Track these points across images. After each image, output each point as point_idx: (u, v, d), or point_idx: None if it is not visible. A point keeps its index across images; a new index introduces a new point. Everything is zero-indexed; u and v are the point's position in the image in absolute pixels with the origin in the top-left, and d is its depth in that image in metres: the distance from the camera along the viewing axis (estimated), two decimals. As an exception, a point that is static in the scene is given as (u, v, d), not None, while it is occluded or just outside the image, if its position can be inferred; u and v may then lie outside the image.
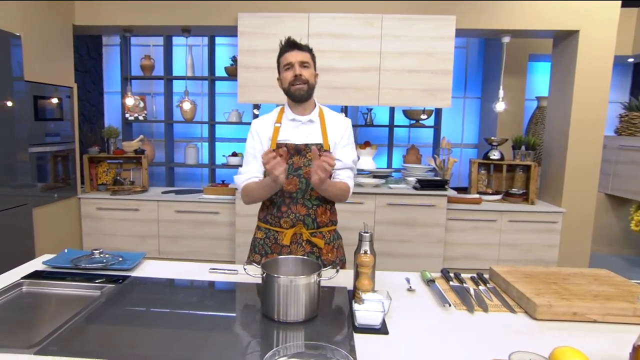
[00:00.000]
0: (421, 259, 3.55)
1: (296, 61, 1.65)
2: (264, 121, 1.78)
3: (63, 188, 3.41)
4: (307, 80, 1.66)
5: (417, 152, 4.65)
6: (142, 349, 1.09)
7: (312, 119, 1.73)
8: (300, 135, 1.71)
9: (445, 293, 1.47)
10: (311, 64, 1.70)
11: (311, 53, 1.72)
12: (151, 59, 4.36)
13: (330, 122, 1.75)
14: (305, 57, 1.68)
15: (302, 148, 1.70)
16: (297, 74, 1.64)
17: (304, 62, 1.66)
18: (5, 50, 2.72)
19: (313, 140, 1.71)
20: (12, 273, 1.54)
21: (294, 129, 1.72)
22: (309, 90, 1.68)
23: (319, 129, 1.73)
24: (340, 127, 1.76)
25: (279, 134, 1.72)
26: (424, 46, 3.45)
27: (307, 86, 1.66)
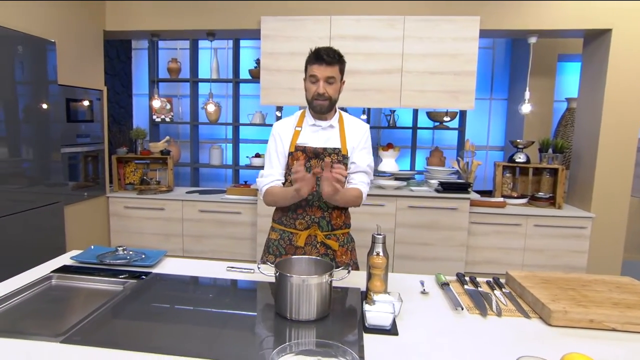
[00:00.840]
0: (443, 263, 3.51)
1: (322, 77, 1.62)
2: (285, 124, 1.80)
3: (92, 187, 3.55)
4: (330, 97, 1.66)
5: (440, 154, 4.59)
6: (159, 341, 1.14)
7: (332, 124, 1.75)
8: (320, 139, 1.74)
9: (459, 297, 1.46)
10: (337, 78, 1.66)
11: (340, 62, 1.67)
12: (178, 62, 4.48)
13: (349, 128, 1.77)
14: (332, 71, 1.63)
15: (320, 152, 1.72)
16: (320, 92, 1.64)
17: (329, 78, 1.63)
18: (42, 56, 2.86)
19: (332, 144, 1.73)
20: (43, 267, 1.63)
21: (314, 133, 1.74)
22: (330, 106, 1.69)
23: (337, 134, 1.75)
24: (358, 132, 1.77)
25: (298, 137, 1.74)
26: (447, 47, 3.42)
27: (329, 102, 1.66)
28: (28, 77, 2.75)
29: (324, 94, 1.64)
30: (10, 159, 2.64)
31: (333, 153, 1.72)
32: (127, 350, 1.06)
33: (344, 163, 1.72)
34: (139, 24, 3.65)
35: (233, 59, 4.52)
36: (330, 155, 1.71)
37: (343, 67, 1.69)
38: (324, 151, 1.72)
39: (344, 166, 1.59)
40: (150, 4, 3.64)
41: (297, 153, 1.73)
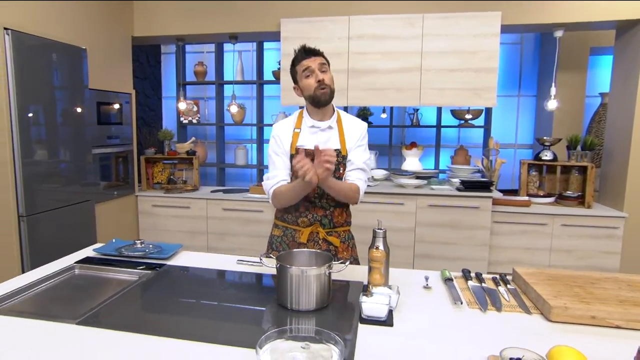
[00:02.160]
0: (465, 262, 3.46)
1: (316, 65, 1.67)
2: (284, 125, 1.81)
3: (122, 186, 3.73)
4: (329, 84, 1.68)
5: (465, 153, 4.52)
6: (164, 325, 1.22)
7: (330, 125, 1.75)
8: (319, 141, 1.73)
9: (461, 292, 1.46)
10: (328, 68, 1.71)
11: (325, 58, 1.73)
12: (204, 65, 4.63)
13: (347, 128, 1.77)
14: (323, 60, 1.70)
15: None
16: (319, 80, 1.66)
17: (322, 65, 1.68)
18: (74, 62, 3.05)
19: (331, 145, 1.73)
20: (68, 258, 1.75)
21: (313, 135, 1.75)
22: (332, 94, 1.71)
23: (337, 135, 1.76)
24: (356, 131, 1.77)
25: (298, 139, 1.76)
26: (467, 44, 3.37)
27: (329, 89, 1.68)
28: (62, 82, 2.94)
29: (323, 80, 1.66)
30: (47, 160, 2.83)
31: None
32: (135, 333, 1.15)
33: (343, 164, 1.74)
34: (165, 29, 3.81)
35: (257, 61, 4.63)
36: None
37: (329, 63, 1.73)
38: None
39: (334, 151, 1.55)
40: (175, 10, 3.80)
41: (297, 156, 1.75)
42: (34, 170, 2.70)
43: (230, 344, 1.09)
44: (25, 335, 1.14)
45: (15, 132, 2.57)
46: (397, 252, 3.54)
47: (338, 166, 1.73)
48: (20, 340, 1.12)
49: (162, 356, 1.05)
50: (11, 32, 2.52)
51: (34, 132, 2.71)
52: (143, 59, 4.74)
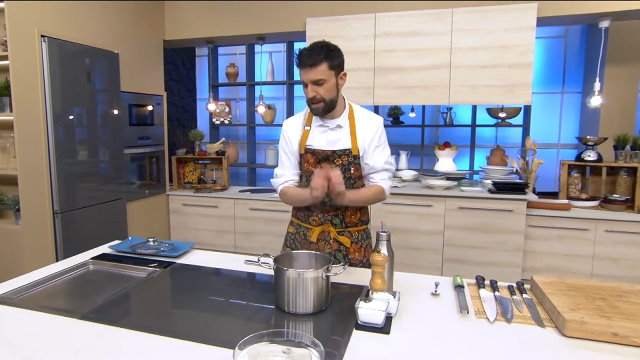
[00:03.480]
0: (497, 268, 3.30)
1: (308, 81, 1.55)
2: (294, 123, 1.77)
3: (154, 185, 3.86)
4: (323, 98, 1.57)
5: (502, 153, 4.31)
6: (159, 323, 1.23)
7: (340, 124, 1.67)
8: (329, 140, 1.68)
9: (471, 300, 1.38)
10: (328, 77, 1.54)
11: (328, 58, 1.53)
12: (235, 67, 4.71)
13: (360, 125, 1.69)
14: (318, 73, 1.52)
15: (330, 154, 1.68)
16: (309, 97, 1.58)
17: (317, 81, 1.54)
18: (107, 66, 3.19)
19: (341, 146, 1.67)
20: (85, 254, 1.81)
21: (322, 134, 1.69)
22: (327, 106, 1.60)
23: (347, 134, 1.68)
24: (370, 128, 1.69)
25: (307, 138, 1.71)
26: (500, 39, 3.21)
27: (323, 104, 1.58)
28: (95, 86, 3.08)
29: (314, 97, 1.56)
30: (81, 160, 2.97)
31: (343, 154, 1.67)
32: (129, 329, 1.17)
33: (355, 164, 1.68)
34: (194, 32, 3.91)
35: (287, 61, 4.65)
36: (340, 157, 1.67)
37: (335, 62, 1.55)
38: (333, 154, 1.67)
39: (338, 169, 1.54)
40: (204, 13, 3.88)
41: (307, 155, 1.71)
42: (68, 170, 2.85)
43: (216, 344, 1.08)
44: (29, 327, 1.19)
45: (51, 133, 2.71)
46: (424, 255, 3.43)
47: (349, 166, 1.68)
48: (24, 332, 1.16)
49: (145, 352, 1.06)
50: (47, 39, 2.67)
51: (68, 133, 2.85)
52: (178, 61, 4.89)
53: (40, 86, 2.65)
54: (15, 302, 1.35)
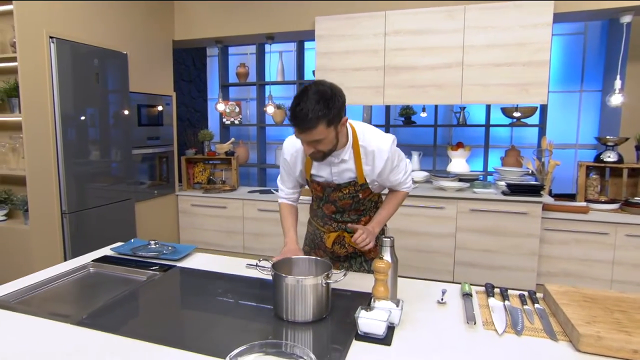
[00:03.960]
0: (510, 272, 3.20)
1: (304, 140, 1.40)
2: (295, 148, 1.62)
3: (163, 185, 3.86)
4: (322, 151, 1.43)
5: (517, 153, 4.19)
6: (152, 329, 1.20)
7: (344, 158, 1.54)
8: (332, 173, 1.60)
9: (479, 310, 1.31)
10: (324, 135, 1.36)
11: (322, 118, 1.32)
12: (246, 67, 4.68)
13: (365, 154, 1.55)
14: (314, 135, 1.35)
15: (335, 186, 1.61)
16: (307, 154, 1.45)
17: (313, 142, 1.39)
18: (116, 67, 3.19)
19: (347, 177, 1.59)
20: (86, 256, 1.79)
21: (327, 167, 1.59)
22: (328, 153, 1.46)
23: (352, 165, 1.56)
24: (378, 159, 1.54)
25: (311, 167, 1.63)
26: (514, 36, 3.11)
27: (322, 154, 1.45)
28: (103, 86, 3.07)
29: (312, 153, 1.44)
30: (89, 161, 2.97)
31: (349, 185, 1.60)
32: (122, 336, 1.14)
33: (363, 189, 1.60)
34: (204, 32, 3.89)
35: (297, 61, 4.60)
36: (347, 187, 1.60)
37: (331, 118, 1.34)
38: (338, 186, 1.61)
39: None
40: (214, 13, 3.86)
41: (313, 183, 1.66)
42: (76, 170, 2.85)
43: (208, 353, 1.04)
44: (21, 332, 1.16)
45: (59, 134, 2.72)
46: (436, 258, 3.35)
47: (356, 193, 1.62)
48: (15, 337, 1.14)
49: None
50: (56, 40, 2.67)
51: (77, 134, 2.86)
52: (189, 62, 4.89)
53: (49, 87, 2.65)
54: (12, 306, 1.33)
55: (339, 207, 1.67)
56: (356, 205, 1.66)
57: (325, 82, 1.38)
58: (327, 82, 1.38)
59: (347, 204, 1.65)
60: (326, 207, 1.69)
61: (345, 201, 1.64)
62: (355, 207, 1.67)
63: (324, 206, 1.69)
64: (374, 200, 1.73)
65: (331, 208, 1.68)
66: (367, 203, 1.69)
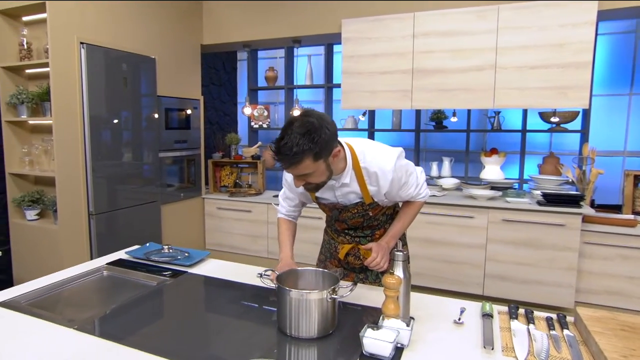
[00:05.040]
0: (545, 288, 3.00)
1: (294, 175, 1.34)
2: None
3: (190, 188, 3.90)
4: (315, 183, 1.36)
5: (556, 161, 3.96)
6: (153, 338, 1.17)
7: (344, 182, 1.45)
8: (336, 195, 1.52)
9: (499, 333, 1.20)
10: (314, 169, 1.28)
11: (308, 153, 1.23)
12: (274, 71, 4.69)
13: (368, 176, 1.46)
14: (300, 170, 1.28)
15: (341, 208, 1.55)
16: (297, 187, 1.39)
17: (302, 176, 1.32)
18: (144, 72, 3.25)
19: (352, 199, 1.52)
20: (101, 259, 1.80)
21: (330, 190, 1.51)
22: (321, 184, 1.39)
23: (356, 188, 1.48)
24: (381, 179, 1.44)
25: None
26: (552, 37, 2.93)
27: (315, 185, 1.38)
28: (131, 90, 3.14)
29: (304, 186, 1.37)
30: (116, 163, 3.04)
31: (357, 206, 1.53)
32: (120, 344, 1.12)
33: (372, 207, 1.53)
34: (231, 36, 3.92)
35: (325, 64, 4.56)
36: (355, 207, 1.53)
37: (318, 151, 1.24)
38: (345, 207, 1.54)
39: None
40: (241, 17, 3.89)
41: (320, 205, 1.60)
42: (103, 172, 2.92)
43: (201, 371, 1.00)
44: (24, 334, 1.16)
45: (88, 137, 2.79)
46: (464, 270, 3.20)
47: (366, 212, 1.54)
48: (18, 339, 1.13)
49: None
50: (86, 45, 2.75)
51: (104, 137, 2.93)
52: (220, 66, 4.95)
53: (79, 91, 2.73)
54: (22, 308, 1.34)
55: (350, 225, 1.61)
56: (368, 222, 1.60)
57: (314, 113, 1.28)
58: (316, 113, 1.29)
59: (359, 222, 1.59)
60: (338, 224, 1.64)
61: (355, 220, 1.58)
62: (368, 224, 1.61)
63: (336, 223, 1.65)
64: (389, 214, 1.65)
65: (343, 225, 1.64)
66: (381, 217, 1.62)
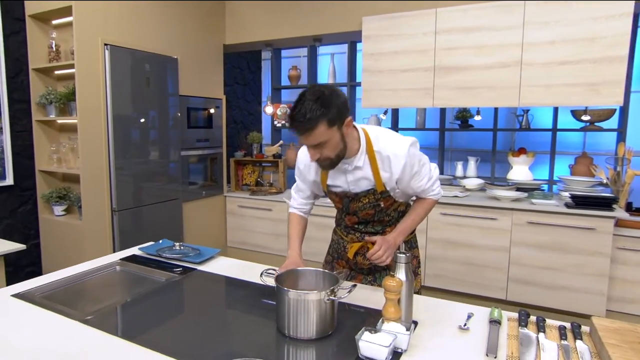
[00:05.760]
0: (573, 294, 2.86)
1: (308, 144, 1.33)
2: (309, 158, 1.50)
3: (212, 186, 3.96)
4: (329, 157, 1.36)
5: (589, 161, 3.77)
6: (151, 335, 1.19)
7: (357, 164, 1.45)
8: (348, 181, 1.51)
9: (506, 341, 1.14)
10: (327, 138, 1.29)
11: (321, 118, 1.24)
12: (297, 69, 4.69)
13: (382, 160, 1.45)
14: (315, 137, 1.28)
15: (353, 196, 1.52)
16: (313, 160, 1.38)
17: (316, 145, 1.31)
18: (167, 71, 3.32)
19: (364, 186, 1.49)
20: (115, 255, 1.85)
21: (342, 175, 1.51)
22: (335, 160, 1.38)
23: (368, 173, 1.47)
24: (394, 164, 1.43)
25: (327, 177, 1.55)
26: (583, 30, 2.78)
27: (329, 160, 1.37)
28: (154, 90, 3.21)
29: (318, 159, 1.36)
30: (138, 161, 3.12)
31: (368, 194, 1.50)
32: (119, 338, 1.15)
33: (383, 197, 1.50)
34: (253, 36, 3.95)
35: (348, 62, 4.52)
36: (366, 196, 1.50)
37: (332, 118, 1.26)
38: (356, 196, 1.51)
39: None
40: (263, 16, 3.91)
41: (330, 194, 1.59)
42: (126, 170, 3.00)
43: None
44: (32, 325, 1.20)
45: (111, 136, 2.87)
46: (487, 273, 3.10)
47: (377, 202, 1.51)
48: (26, 328, 1.18)
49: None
50: (110, 47, 2.83)
51: (127, 135, 3.01)
52: (244, 65, 5.00)
53: (103, 91, 2.82)
54: (35, 300, 1.39)
55: (360, 219, 1.58)
56: (379, 215, 1.55)
57: (323, 85, 1.34)
58: (325, 84, 1.36)
59: (369, 215, 1.55)
60: (348, 219, 1.61)
61: (366, 212, 1.54)
62: (379, 218, 1.57)
63: (346, 217, 1.62)
64: (401, 210, 1.60)
65: (353, 219, 1.60)
66: (393, 213, 1.58)
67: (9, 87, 2.85)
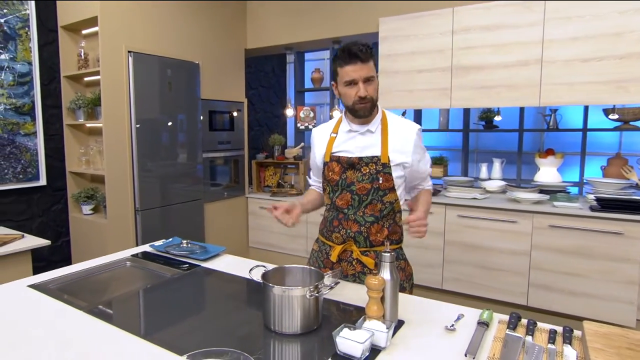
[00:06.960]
0: (600, 302, 2.73)
1: (360, 78, 1.45)
2: (322, 130, 1.70)
3: (233, 188, 4.06)
4: (372, 98, 1.49)
5: (623, 162, 3.58)
6: (146, 325, 1.25)
7: (370, 129, 1.55)
8: (356, 146, 1.56)
9: (492, 343, 1.12)
10: (375, 74, 1.49)
11: (373, 57, 1.48)
12: (320, 72, 4.73)
13: (393, 132, 1.55)
14: (369, 69, 1.45)
15: (356, 162, 1.54)
16: (362, 96, 1.46)
17: (368, 78, 1.46)
18: (189, 76, 3.44)
19: (370, 152, 1.53)
20: (127, 251, 1.94)
21: (350, 140, 1.58)
22: (373, 106, 1.52)
23: (378, 140, 1.54)
24: (406, 137, 1.55)
25: (333, 145, 1.60)
26: (608, 25, 2.66)
27: (371, 103, 1.50)
28: (176, 94, 3.33)
29: (366, 97, 1.46)
30: (161, 163, 3.25)
31: (370, 162, 1.52)
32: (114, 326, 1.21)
33: (384, 173, 1.51)
34: (274, 40, 4.03)
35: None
36: (367, 165, 1.52)
37: (375, 64, 1.50)
38: (360, 161, 1.54)
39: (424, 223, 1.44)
40: (283, 20, 3.98)
41: (331, 163, 1.59)
42: (149, 172, 3.14)
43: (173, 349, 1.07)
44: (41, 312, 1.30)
45: (135, 139, 3.01)
46: (506, 277, 3.01)
47: (377, 175, 1.52)
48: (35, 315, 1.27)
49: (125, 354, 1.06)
50: (133, 54, 2.97)
51: (150, 138, 3.14)
52: (269, 68, 5.10)
53: (126, 96, 2.96)
54: (49, 290, 1.49)
55: (354, 195, 1.54)
56: (373, 196, 1.53)
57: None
58: None
59: (365, 190, 1.53)
60: (340, 198, 1.57)
61: (363, 185, 1.52)
62: (371, 200, 1.53)
63: (338, 197, 1.58)
64: (392, 204, 1.56)
65: (346, 197, 1.56)
66: (387, 205, 1.55)
67: (42, 94, 3.05)
